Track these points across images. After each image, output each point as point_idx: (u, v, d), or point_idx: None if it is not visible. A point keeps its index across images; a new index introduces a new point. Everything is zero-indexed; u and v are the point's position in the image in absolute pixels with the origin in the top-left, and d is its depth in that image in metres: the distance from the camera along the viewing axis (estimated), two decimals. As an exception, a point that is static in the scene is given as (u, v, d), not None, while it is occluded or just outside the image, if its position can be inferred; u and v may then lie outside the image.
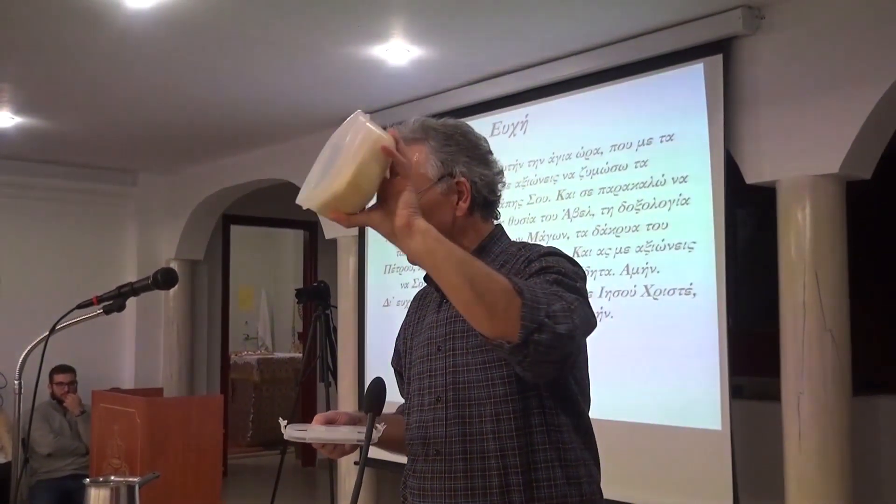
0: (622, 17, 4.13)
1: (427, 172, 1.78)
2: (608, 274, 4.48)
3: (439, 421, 1.79)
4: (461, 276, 1.52)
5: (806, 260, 3.78)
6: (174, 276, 2.41)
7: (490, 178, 1.85)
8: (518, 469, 1.71)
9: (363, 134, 1.54)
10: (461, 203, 1.80)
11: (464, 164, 1.81)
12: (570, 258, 1.76)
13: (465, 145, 1.84)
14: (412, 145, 1.78)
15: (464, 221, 1.82)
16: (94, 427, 6.05)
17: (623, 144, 4.46)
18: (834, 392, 3.71)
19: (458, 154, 1.81)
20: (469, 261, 1.54)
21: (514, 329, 1.49)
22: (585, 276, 1.74)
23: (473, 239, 1.83)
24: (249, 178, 7.20)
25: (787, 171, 3.88)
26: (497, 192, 1.87)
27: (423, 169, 1.78)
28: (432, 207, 1.74)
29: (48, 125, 6.19)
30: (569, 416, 1.76)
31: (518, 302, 1.49)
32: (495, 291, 1.50)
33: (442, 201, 1.79)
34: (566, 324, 1.53)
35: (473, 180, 1.81)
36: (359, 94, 5.42)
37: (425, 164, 1.79)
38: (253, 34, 4.34)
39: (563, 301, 1.56)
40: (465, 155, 1.82)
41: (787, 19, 3.90)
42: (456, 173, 1.80)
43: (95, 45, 4.46)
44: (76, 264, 7.65)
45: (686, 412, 4.11)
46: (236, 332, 10.21)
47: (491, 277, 1.52)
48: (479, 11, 4.03)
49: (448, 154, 1.81)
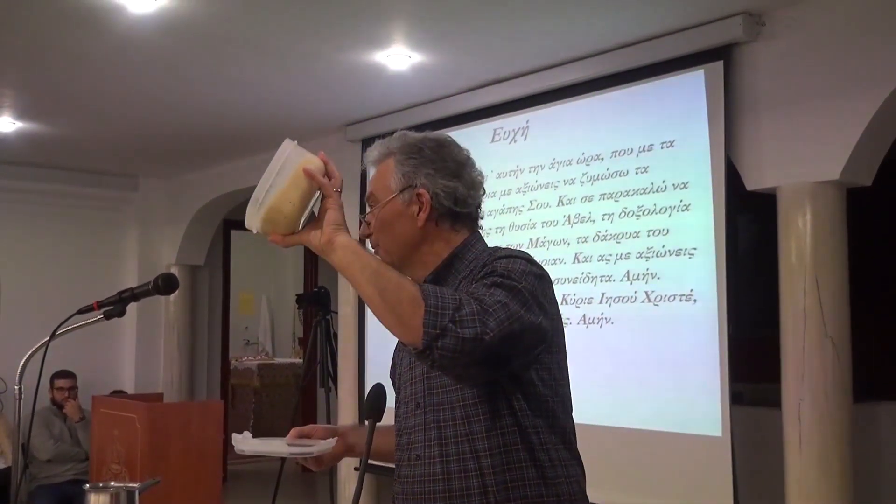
0: (623, 24, 4.13)
1: (390, 184, 1.86)
2: (609, 280, 4.48)
3: (419, 426, 1.83)
4: (373, 287, 1.64)
5: (806, 266, 3.78)
6: (175, 281, 2.41)
7: (455, 190, 1.86)
8: (491, 470, 1.74)
9: (284, 159, 1.73)
10: (420, 214, 1.84)
11: (426, 175, 1.85)
12: (528, 259, 1.79)
13: (430, 157, 1.87)
14: (381, 161, 1.90)
15: (430, 231, 1.86)
16: (94, 432, 6.05)
17: (624, 150, 4.47)
18: (835, 398, 3.71)
19: (420, 166, 1.86)
20: (382, 272, 1.66)
21: (417, 335, 1.58)
22: (541, 275, 1.77)
23: (443, 248, 1.87)
24: (250, 183, 7.12)
25: (787, 177, 3.88)
26: (466, 204, 1.89)
27: (387, 181, 1.87)
28: (392, 218, 1.85)
29: (49, 130, 6.19)
30: (541, 416, 1.78)
31: (422, 309, 1.58)
32: (403, 300, 1.61)
33: (402, 212, 1.85)
34: (473, 328, 1.58)
35: (435, 192, 1.85)
36: (359, 100, 5.43)
37: (389, 176, 1.87)
38: (254, 40, 4.35)
39: (480, 304, 1.61)
40: (430, 167, 1.86)
41: (787, 26, 3.91)
42: (416, 185, 1.85)
43: (97, 50, 4.47)
44: (77, 269, 7.65)
45: (686, 418, 4.10)
46: (237, 337, 10.21)
47: (401, 287, 1.63)
48: (480, 18, 4.04)
49: (410, 166, 1.86)
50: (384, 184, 1.86)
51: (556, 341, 1.81)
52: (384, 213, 1.86)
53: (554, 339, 1.80)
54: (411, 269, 1.87)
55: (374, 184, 1.90)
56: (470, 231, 1.91)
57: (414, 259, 1.87)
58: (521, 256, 1.79)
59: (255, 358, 10.76)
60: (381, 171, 1.89)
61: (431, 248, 1.86)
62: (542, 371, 1.78)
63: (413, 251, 1.86)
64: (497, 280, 1.68)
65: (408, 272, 1.85)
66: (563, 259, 4.69)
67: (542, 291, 1.74)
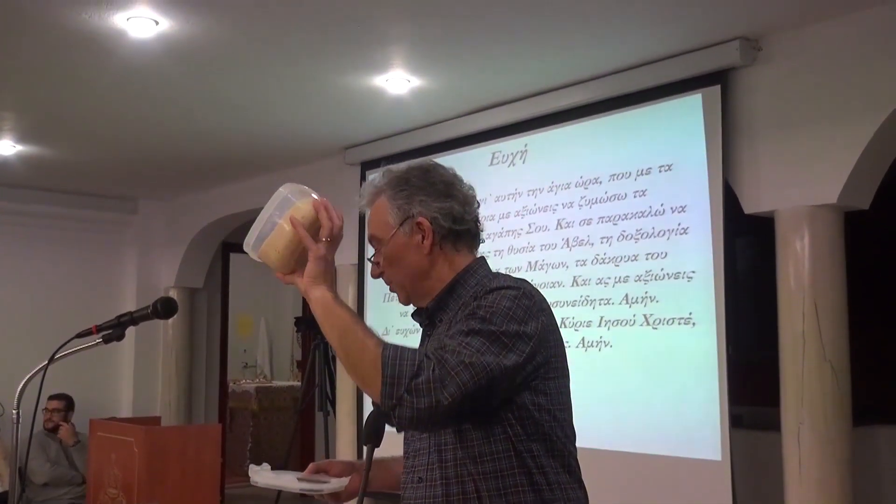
0: (621, 48, 4.16)
1: (388, 221, 1.89)
2: (607, 303, 4.48)
3: (423, 449, 1.86)
4: (339, 346, 1.72)
5: (805, 290, 3.78)
6: (174, 305, 2.40)
7: (451, 209, 1.89)
8: (488, 493, 1.76)
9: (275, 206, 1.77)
10: (425, 241, 1.87)
11: (419, 202, 1.88)
12: (518, 292, 1.78)
13: (419, 185, 1.89)
14: (376, 199, 1.93)
15: (436, 257, 1.89)
16: (92, 456, 6.02)
17: (622, 174, 4.48)
18: (834, 422, 3.70)
19: (412, 195, 1.88)
20: (348, 332, 1.71)
21: (378, 400, 1.65)
22: (530, 307, 1.77)
23: (448, 272, 1.90)
24: (249, 206, 7.21)
25: (785, 200, 3.89)
26: (464, 221, 1.91)
27: (386, 218, 1.89)
28: (399, 252, 1.88)
29: (49, 153, 6.21)
30: (537, 440, 1.79)
31: (379, 379, 1.64)
32: (365, 363, 1.67)
33: (407, 243, 1.88)
34: (428, 397, 1.63)
35: (433, 216, 1.87)
36: (359, 124, 5.45)
37: (385, 214, 1.90)
38: (254, 64, 4.37)
39: (443, 366, 1.64)
40: (421, 194, 1.89)
41: (784, 51, 3.93)
42: (414, 214, 1.87)
43: (98, 75, 4.49)
44: (76, 292, 7.65)
45: (686, 442, 4.09)
46: (235, 360, 10.17)
47: (364, 349, 1.68)
48: (479, 42, 4.06)
49: (403, 198, 1.89)
50: (383, 221, 1.89)
51: (556, 366, 1.82)
52: (390, 250, 1.88)
53: (553, 365, 1.81)
54: (426, 299, 1.91)
55: (373, 225, 1.92)
56: (472, 252, 1.94)
57: (426, 287, 1.90)
58: (512, 287, 1.79)
59: (254, 381, 10.71)
60: (376, 210, 1.92)
61: (439, 273, 1.89)
62: (539, 396, 1.79)
63: (424, 280, 1.89)
64: (475, 326, 1.71)
65: (423, 302, 1.91)
66: (561, 282, 4.69)
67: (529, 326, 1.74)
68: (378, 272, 1.93)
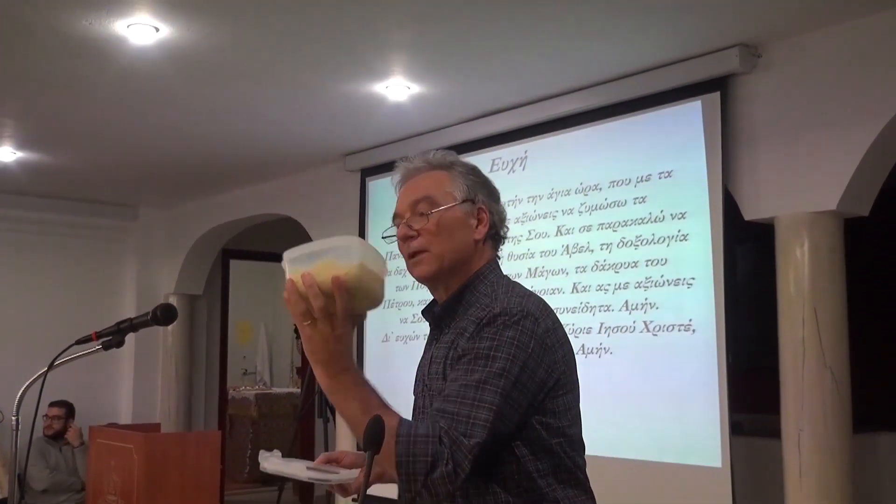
0: (620, 56, 4.17)
1: (453, 192, 1.88)
2: (607, 310, 4.47)
3: None
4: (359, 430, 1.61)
5: (805, 296, 3.78)
6: (174, 312, 2.40)
7: (502, 214, 1.96)
8: None
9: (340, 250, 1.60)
10: (480, 227, 1.89)
11: (484, 195, 1.92)
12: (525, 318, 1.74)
13: (484, 182, 1.96)
14: (433, 171, 1.91)
15: (480, 247, 1.90)
16: (91, 463, 6.02)
17: (622, 181, 4.48)
18: (834, 429, 3.70)
19: (478, 186, 1.93)
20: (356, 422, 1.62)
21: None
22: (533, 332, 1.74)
23: (476, 265, 1.90)
24: (249, 213, 7.22)
25: (785, 207, 3.89)
26: (503, 230, 1.97)
27: (447, 188, 1.88)
28: (453, 225, 1.86)
29: (50, 160, 6.21)
30: (545, 459, 1.77)
31: (394, 468, 1.60)
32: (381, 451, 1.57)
33: (463, 221, 1.88)
34: (446, 488, 1.61)
35: (491, 212, 1.92)
36: (359, 131, 5.46)
37: (452, 185, 1.89)
38: (254, 71, 4.37)
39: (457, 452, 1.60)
40: (484, 189, 1.94)
41: (783, 57, 3.94)
42: (478, 200, 1.90)
43: (98, 81, 4.50)
44: (76, 299, 7.65)
45: (686, 449, 4.09)
46: (234, 366, 10.16)
47: None
48: (479, 49, 4.07)
49: (471, 182, 1.91)
50: (444, 190, 1.88)
51: (565, 382, 1.81)
52: (446, 218, 1.86)
53: (562, 381, 1.80)
54: (455, 280, 1.87)
55: (430, 188, 1.88)
56: (493, 251, 1.94)
57: (461, 271, 1.87)
58: (515, 314, 1.74)
59: (253, 388, 10.71)
60: (437, 178, 1.90)
61: (471, 265, 1.88)
62: (547, 416, 1.77)
63: (464, 263, 1.87)
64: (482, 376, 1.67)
65: (451, 283, 1.87)
66: (561, 289, 4.69)
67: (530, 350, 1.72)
68: (410, 234, 1.85)
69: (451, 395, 1.67)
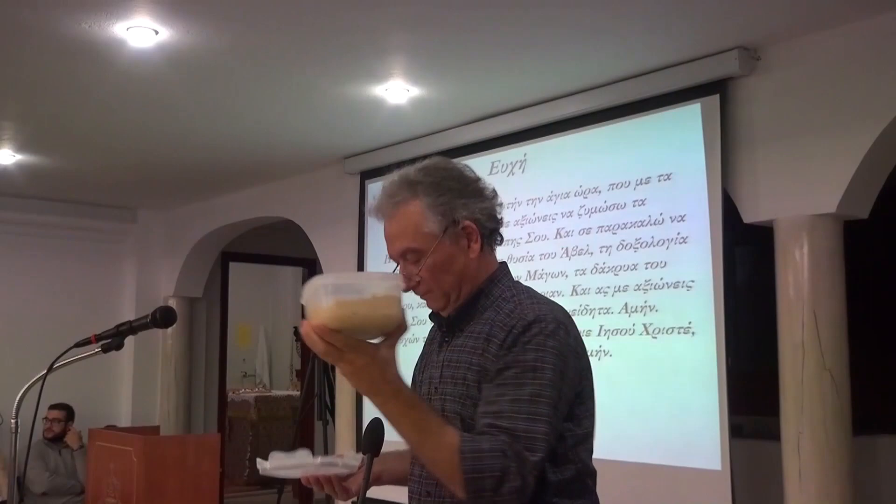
0: (620, 58, 4.17)
1: (430, 229, 1.76)
2: (607, 313, 4.47)
3: None
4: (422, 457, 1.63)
5: (804, 299, 3.78)
6: (173, 314, 2.40)
7: (489, 207, 1.84)
8: None
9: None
10: (473, 245, 1.79)
11: (462, 206, 1.78)
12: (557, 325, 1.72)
13: (456, 187, 1.79)
14: (402, 207, 1.77)
15: (481, 257, 1.82)
16: (90, 466, 6.02)
17: (621, 183, 4.48)
18: (834, 431, 3.69)
19: (453, 199, 1.77)
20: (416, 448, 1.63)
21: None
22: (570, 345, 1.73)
23: (484, 275, 1.84)
24: (248, 215, 7.22)
25: (784, 210, 3.89)
26: (498, 216, 1.86)
27: (424, 228, 1.75)
28: (447, 261, 1.76)
29: (49, 163, 6.21)
30: (561, 470, 1.75)
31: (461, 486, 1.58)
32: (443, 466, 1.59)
33: (454, 251, 1.77)
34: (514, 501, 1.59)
35: (476, 218, 1.79)
36: (358, 133, 5.46)
37: (426, 220, 1.75)
38: (254, 74, 4.37)
39: (522, 466, 1.59)
40: (461, 197, 1.79)
41: (782, 60, 3.94)
42: (459, 219, 1.77)
43: (97, 84, 4.50)
44: (75, 301, 7.64)
45: (686, 452, 4.08)
46: (234, 369, 10.16)
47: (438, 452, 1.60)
48: (478, 52, 4.07)
49: (444, 204, 1.76)
50: (420, 232, 1.76)
51: (586, 390, 1.80)
52: (437, 260, 1.75)
53: (587, 387, 1.79)
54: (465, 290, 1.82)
55: (406, 237, 1.77)
56: (494, 251, 1.88)
57: (469, 284, 1.82)
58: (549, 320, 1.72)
59: (253, 390, 10.70)
60: (407, 220, 1.77)
61: (479, 275, 1.82)
62: (573, 424, 1.76)
63: (471, 279, 1.81)
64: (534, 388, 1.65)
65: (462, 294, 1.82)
66: (560, 291, 4.69)
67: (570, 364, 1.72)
68: (412, 285, 1.79)
69: (504, 411, 1.63)
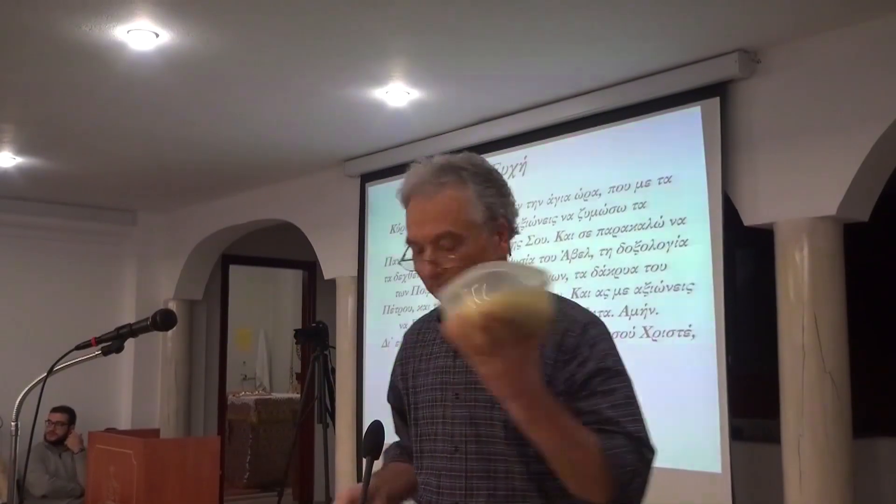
0: (620, 61, 4.17)
1: (475, 218, 1.70)
2: (607, 315, 4.47)
3: (457, 472, 1.72)
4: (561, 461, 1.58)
5: (804, 302, 3.78)
6: (173, 317, 2.40)
7: (516, 208, 1.80)
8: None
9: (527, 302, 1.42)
10: (502, 244, 1.76)
11: (502, 204, 1.75)
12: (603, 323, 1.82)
13: (498, 183, 1.76)
14: (448, 190, 1.70)
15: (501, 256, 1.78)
16: (90, 469, 6.01)
17: (621, 186, 4.48)
18: (834, 434, 3.69)
19: (498, 194, 1.75)
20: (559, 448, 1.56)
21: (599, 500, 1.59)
22: None
23: None
24: (249, 218, 7.22)
25: (784, 213, 3.89)
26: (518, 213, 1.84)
27: (471, 214, 1.70)
28: (479, 253, 1.68)
29: (49, 165, 6.22)
30: None
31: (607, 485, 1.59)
32: (590, 473, 1.58)
33: (488, 245, 1.72)
34: (639, 499, 1.67)
35: (509, 217, 1.77)
36: (358, 136, 5.46)
37: (471, 208, 1.70)
38: (254, 76, 4.38)
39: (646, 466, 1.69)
40: (501, 193, 1.76)
41: (782, 63, 3.94)
42: (498, 215, 1.74)
43: (98, 87, 4.50)
44: (75, 304, 7.64)
45: (686, 454, 4.08)
46: (234, 372, 10.16)
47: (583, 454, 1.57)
48: (478, 55, 4.07)
49: (490, 196, 1.73)
50: (463, 218, 1.69)
51: None
52: (473, 250, 1.69)
53: None
54: None
55: (449, 219, 1.69)
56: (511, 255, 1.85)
57: None
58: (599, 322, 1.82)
59: (253, 393, 10.70)
60: (454, 202, 1.70)
61: None
62: None
63: None
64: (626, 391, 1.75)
65: None
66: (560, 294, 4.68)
67: None
68: (440, 271, 1.69)
69: (609, 419, 1.66)
